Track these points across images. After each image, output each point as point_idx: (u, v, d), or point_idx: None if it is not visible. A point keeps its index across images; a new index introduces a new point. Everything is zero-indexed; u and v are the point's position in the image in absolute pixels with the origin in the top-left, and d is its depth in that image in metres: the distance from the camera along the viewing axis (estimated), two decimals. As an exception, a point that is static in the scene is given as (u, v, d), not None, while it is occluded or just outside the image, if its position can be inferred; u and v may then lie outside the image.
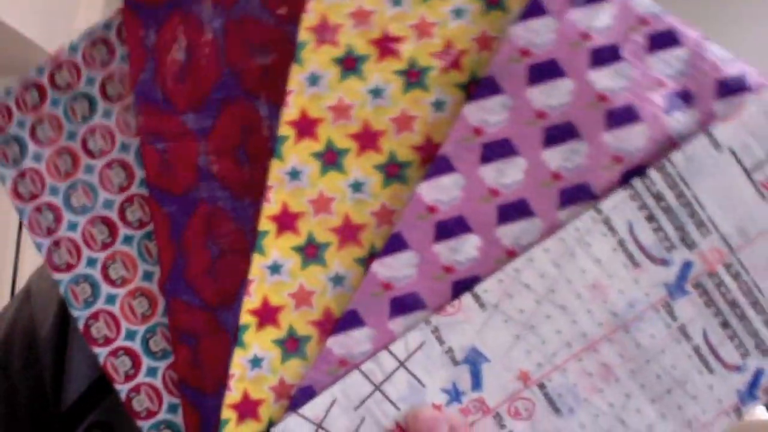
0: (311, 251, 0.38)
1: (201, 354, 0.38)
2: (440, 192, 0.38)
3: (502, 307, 0.37)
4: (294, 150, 0.39)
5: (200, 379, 0.38)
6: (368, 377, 0.37)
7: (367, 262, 0.38)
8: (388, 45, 0.39)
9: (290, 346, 0.38)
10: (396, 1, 0.39)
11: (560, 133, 0.38)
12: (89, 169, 0.41)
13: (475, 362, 0.37)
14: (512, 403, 0.37)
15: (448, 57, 0.39)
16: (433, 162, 0.38)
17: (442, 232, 0.38)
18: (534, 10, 0.38)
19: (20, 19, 1.79)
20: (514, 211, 0.38)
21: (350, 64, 0.39)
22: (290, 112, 0.39)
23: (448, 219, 0.38)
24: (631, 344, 0.37)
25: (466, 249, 0.38)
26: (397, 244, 0.38)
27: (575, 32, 0.38)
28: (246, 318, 0.38)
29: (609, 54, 0.38)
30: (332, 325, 0.38)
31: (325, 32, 0.39)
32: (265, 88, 0.39)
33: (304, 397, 0.37)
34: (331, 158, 0.39)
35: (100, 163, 0.41)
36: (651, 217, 0.38)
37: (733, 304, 0.38)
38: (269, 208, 0.38)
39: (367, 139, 0.39)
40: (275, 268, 0.38)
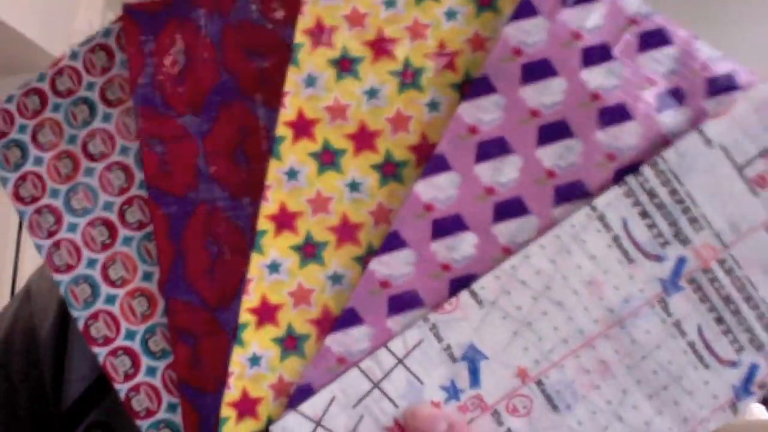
0: (309, 250, 0.39)
1: (200, 353, 0.38)
2: (437, 190, 0.38)
3: (500, 304, 0.38)
4: (292, 150, 0.39)
5: (199, 379, 0.38)
6: (367, 375, 0.37)
7: (365, 260, 0.38)
8: (383, 46, 0.40)
9: (289, 344, 0.38)
10: (390, 3, 0.40)
11: (554, 132, 0.38)
12: (89, 172, 0.42)
13: (473, 359, 0.37)
14: (510, 400, 0.37)
15: (442, 58, 0.40)
16: (429, 161, 0.39)
17: (439, 230, 0.38)
18: (525, 10, 0.39)
19: (20, 19, 1.79)
20: (509, 208, 0.38)
21: (346, 66, 0.40)
22: (287, 112, 0.39)
23: (445, 217, 0.38)
24: (627, 340, 0.38)
25: (463, 247, 0.38)
26: (395, 242, 0.38)
27: (566, 32, 0.39)
28: (245, 316, 0.38)
29: (600, 53, 0.39)
30: (331, 323, 0.38)
31: (321, 34, 0.40)
32: (262, 90, 0.40)
33: (303, 395, 0.37)
34: (328, 158, 0.39)
35: (100, 166, 0.42)
36: (645, 214, 0.38)
37: (727, 300, 0.38)
38: (267, 207, 0.39)
39: (364, 139, 0.39)
40: (274, 267, 0.39)
